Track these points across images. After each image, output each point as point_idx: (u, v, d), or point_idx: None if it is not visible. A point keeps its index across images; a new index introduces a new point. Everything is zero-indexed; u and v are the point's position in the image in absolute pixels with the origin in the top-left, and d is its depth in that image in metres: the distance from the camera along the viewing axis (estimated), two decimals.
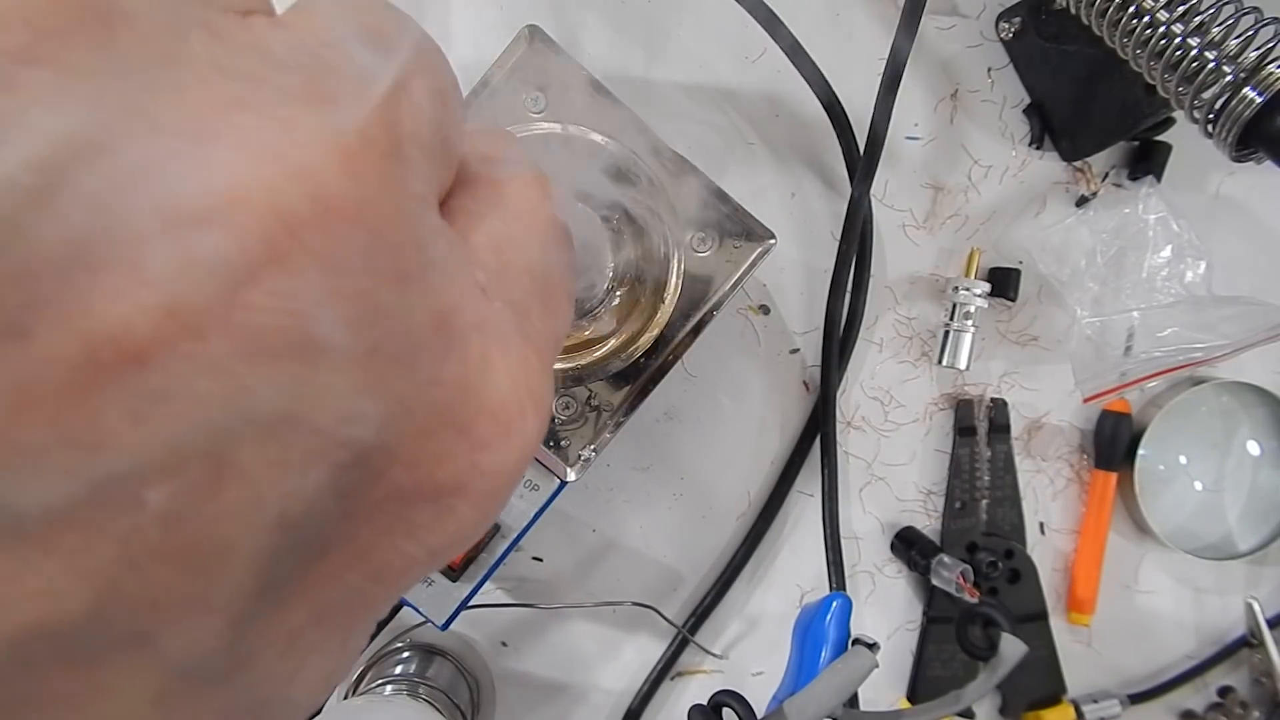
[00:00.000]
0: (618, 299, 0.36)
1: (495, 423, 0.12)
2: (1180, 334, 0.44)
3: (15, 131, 0.08)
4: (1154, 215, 0.45)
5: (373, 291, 0.10)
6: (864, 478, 0.47)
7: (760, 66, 0.44)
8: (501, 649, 0.46)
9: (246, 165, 0.09)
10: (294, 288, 0.09)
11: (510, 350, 0.12)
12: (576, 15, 0.43)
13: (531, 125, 0.34)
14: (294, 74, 0.10)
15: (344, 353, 0.10)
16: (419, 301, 0.11)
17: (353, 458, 0.10)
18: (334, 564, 0.11)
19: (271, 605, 0.10)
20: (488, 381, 0.12)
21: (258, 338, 0.09)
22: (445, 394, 0.11)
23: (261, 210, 0.09)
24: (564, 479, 0.37)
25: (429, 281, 0.11)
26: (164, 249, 0.09)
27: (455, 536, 0.12)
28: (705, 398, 0.46)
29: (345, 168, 0.10)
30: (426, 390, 0.11)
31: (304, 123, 0.10)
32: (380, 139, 0.10)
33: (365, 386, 0.10)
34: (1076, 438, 0.49)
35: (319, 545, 0.11)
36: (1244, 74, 0.31)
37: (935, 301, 0.47)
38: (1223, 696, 0.51)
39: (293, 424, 0.10)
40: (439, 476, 0.11)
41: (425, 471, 0.11)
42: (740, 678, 0.47)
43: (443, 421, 0.11)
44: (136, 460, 0.09)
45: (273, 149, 0.09)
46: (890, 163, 0.45)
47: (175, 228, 0.09)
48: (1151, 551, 0.50)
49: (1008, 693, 0.48)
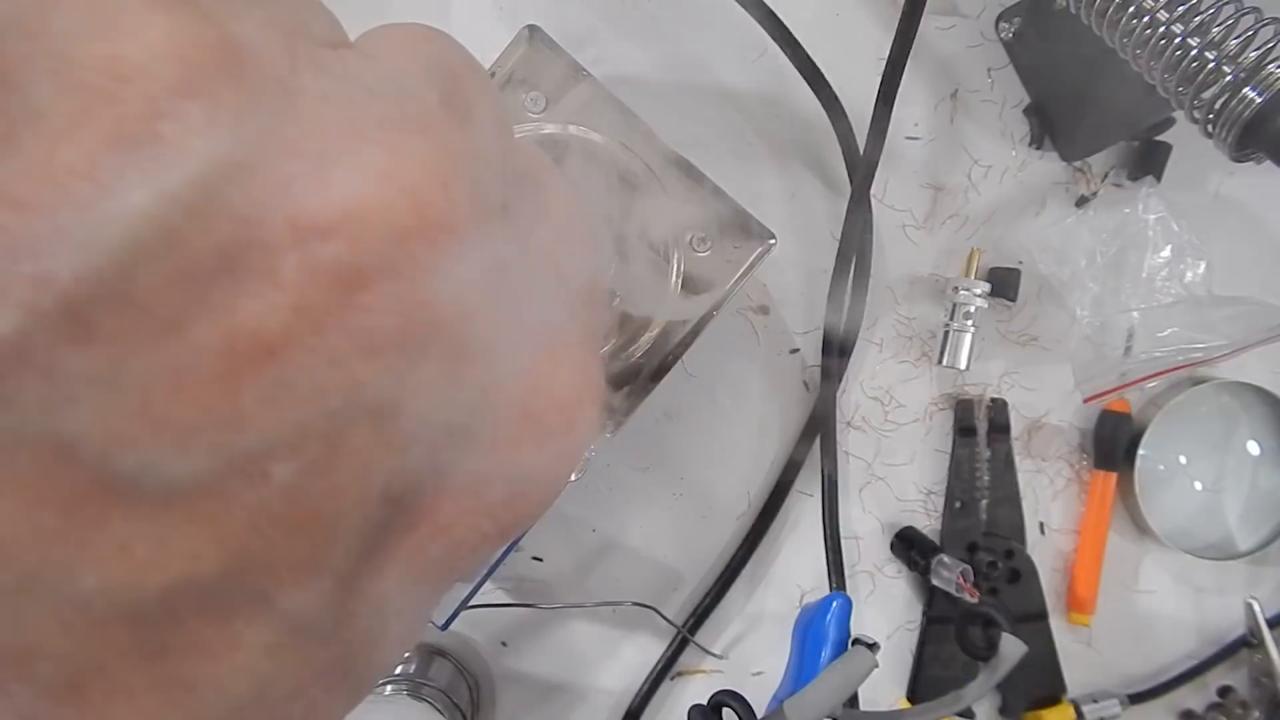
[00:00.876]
0: (618, 299, 0.36)
1: (560, 415, 0.13)
2: (1180, 334, 0.44)
3: (179, 154, 0.09)
4: (1154, 215, 0.45)
5: (463, 295, 0.11)
6: (864, 478, 0.47)
7: (760, 66, 0.44)
8: (501, 649, 0.46)
9: (362, 184, 0.10)
10: (400, 292, 0.11)
11: (572, 350, 0.14)
12: (576, 15, 0.43)
13: (531, 125, 0.34)
14: (387, 103, 0.11)
15: (438, 348, 0.11)
16: (499, 304, 0.12)
17: (445, 440, 0.12)
18: (422, 535, 0.12)
19: (371, 570, 0.12)
20: (555, 377, 0.13)
21: (369, 335, 0.10)
22: (519, 387, 0.13)
23: (375, 224, 0.10)
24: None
25: (505, 287, 0.12)
26: (294, 257, 0.10)
27: (521, 517, 0.13)
28: (705, 398, 0.46)
29: (441, 186, 0.11)
30: (504, 383, 0.12)
31: (406, 146, 0.11)
32: (464, 160, 0.12)
33: (457, 378, 0.12)
34: (1076, 438, 0.49)
35: (413, 517, 0.12)
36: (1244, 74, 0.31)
37: (935, 301, 0.47)
38: (1223, 696, 0.51)
39: (397, 410, 0.11)
40: (513, 461, 0.13)
41: (502, 455, 0.13)
42: (740, 678, 0.47)
43: (517, 411, 0.13)
44: (266, 439, 0.10)
45: (382, 170, 0.11)
46: (890, 163, 0.45)
47: (304, 239, 0.10)
48: (1151, 551, 0.50)
49: (1008, 693, 0.48)
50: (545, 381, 0.13)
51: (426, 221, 0.11)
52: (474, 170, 0.12)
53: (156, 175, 0.09)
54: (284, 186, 0.10)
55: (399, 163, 0.11)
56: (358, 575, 0.11)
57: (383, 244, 0.10)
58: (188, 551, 0.10)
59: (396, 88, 0.12)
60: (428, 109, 0.12)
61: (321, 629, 0.11)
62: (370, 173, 0.11)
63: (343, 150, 0.11)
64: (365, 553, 0.11)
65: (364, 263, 0.10)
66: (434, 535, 0.12)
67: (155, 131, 0.09)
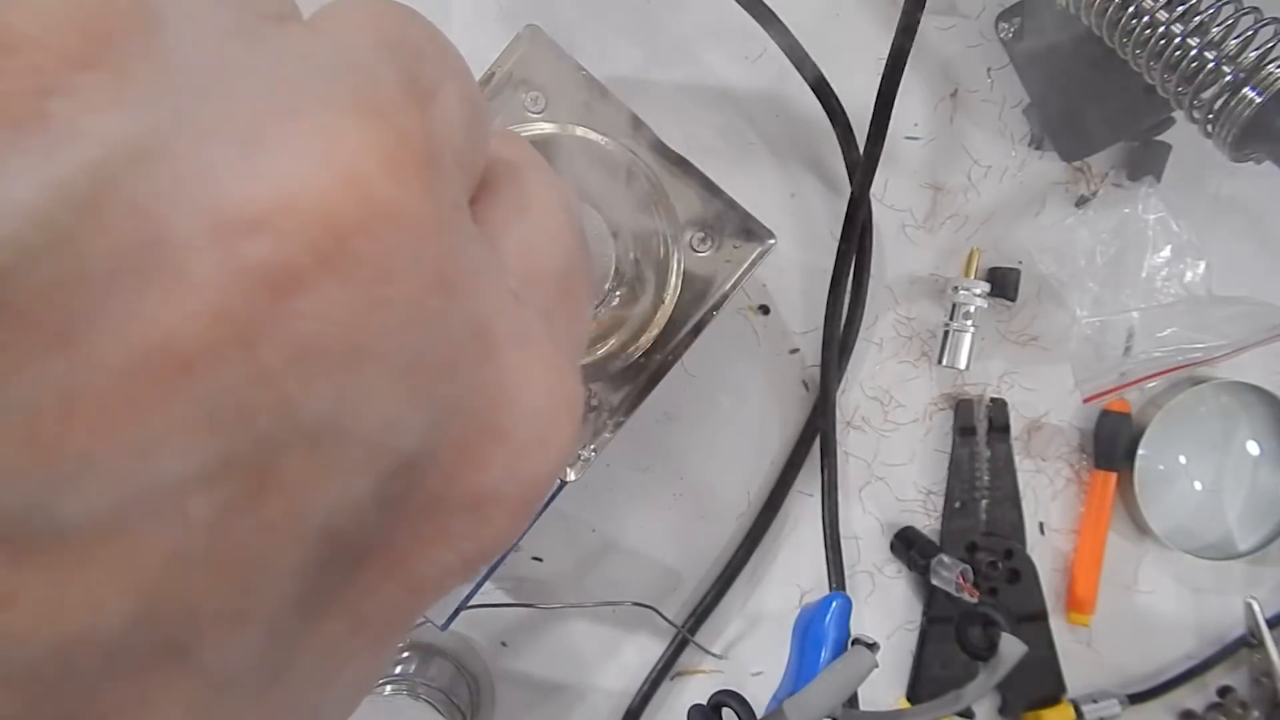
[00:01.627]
0: (618, 299, 0.36)
1: (532, 430, 0.12)
2: (1180, 334, 0.44)
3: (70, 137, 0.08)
4: (1154, 215, 0.45)
5: (416, 299, 0.10)
6: (864, 478, 0.47)
7: (760, 66, 0.44)
8: (501, 649, 0.46)
9: (294, 172, 0.09)
10: (340, 295, 0.09)
11: (543, 357, 0.12)
12: (576, 15, 0.43)
13: (531, 125, 0.34)
14: (335, 82, 0.10)
15: (388, 361, 0.10)
16: (459, 308, 0.11)
17: (395, 466, 0.10)
18: (373, 574, 0.11)
19: (311, 616, 0.10)
20: (524, 389, 0.12)
21: (305, 346, 0.09)
22: (485, 402, 0.11)
23: (309, 218, 0.09)
24: (564, 479, 0.37)
25: (468, 288, 0.11)
26: (213, 256, 0.09)
27: (490, 545, 0.12)
28: (705, 398, 0.46)
29: (391, 175, 0.10)
30: (466, 399, 0.11)
31: (349, 130, 0.10)
32: (421, 146, 0.10)
33: (409, 394, 0.10)
34: (1076, 438, 0.49)
35: (360, 555, 0.11)
36: (1243, 74, 0.31)
37: (935, 301, 0.47)
38: (1222, 696, 0.51)
39: (338, 433, 0.09)
40: (477, 484, 0.11)
41: (464, 480, 0.11)
42: (740, 678, 0.47)
43: (482, 429, 0.11)
44: (181, 470, 0.09)
45: (320, 156, 0.09)
46: (890, 163, 0.45)
47: (224, 235, 0.09)
48: (1151, 551, 0.50)
49: (1007, 693, 0.48)
50: (514, 392, 0.12)
51: (372, 213, 0.09)
52: (434, 156, 0.11)
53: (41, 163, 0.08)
54: (201, 175, 0.09)
55: (341, 146, 0.10)
56: (296, 622, 0.10)
57: (318, 240, 0.09)
58: (87, 603, 0.08)
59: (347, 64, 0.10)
60: (382, 87, 0.11)
61: (253, 685, 0.10)
62: (306, 158, 0.09)
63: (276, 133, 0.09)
64: (305, 596, 0.10)
65: (296, 262, 0.09)
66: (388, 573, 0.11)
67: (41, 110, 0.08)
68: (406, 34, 0.12)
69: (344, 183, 0.09)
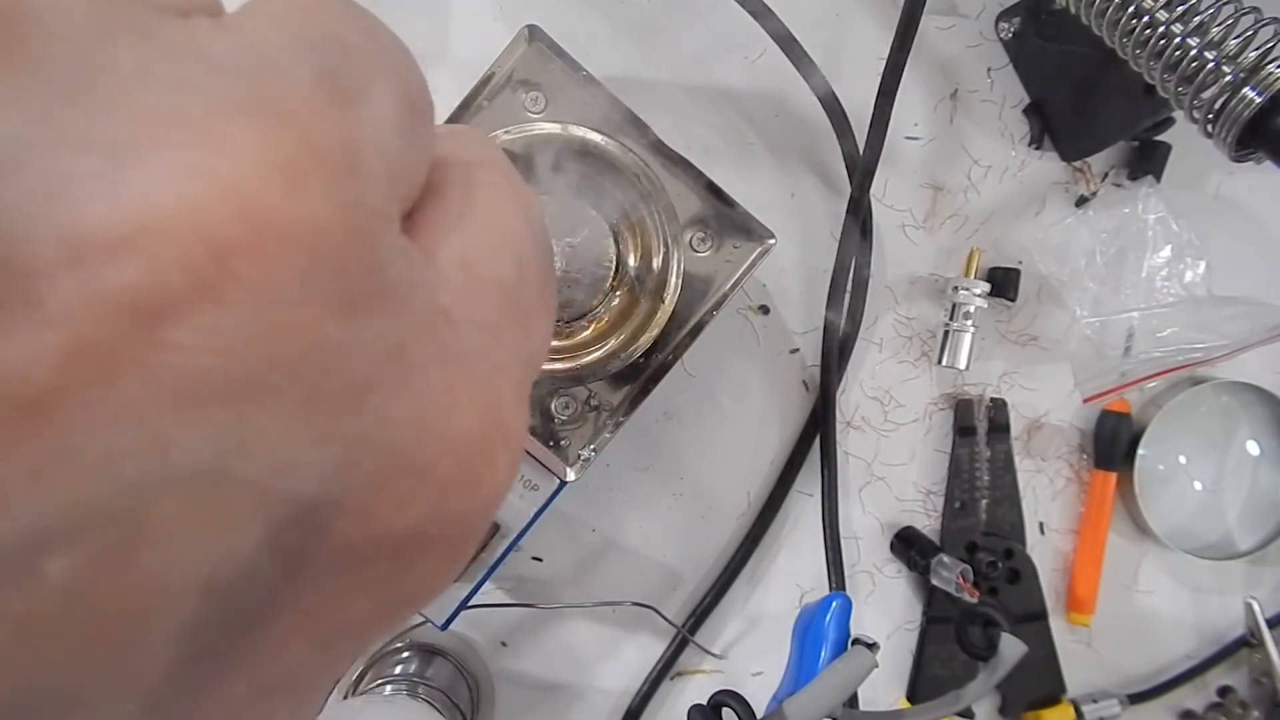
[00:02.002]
0: (618, 299, 0.36)
1: (460, 464, 0.11)
2: (1180, 334, 0.44)
3: None
4: (1154, 215, 0.45)
5: (315, 323, 0.09)
6: (864, 478, 0.47)
7: (760, 66, 0.44)
8: (501, 649, 0.46)
9: (170, 185, 0.08)
10: (221, 323, 0.08)
11: (477, 380, 0.11)
12: (576, 15, 0.43)
13: (531, 125, 0.34)
14: (237, 82, 0.09)
15: (280, 395, 0.09)
16: (370, 331, 0.10)
17: (292, 514, 0.09)
18: (277, 631, 0.10)
19: (202, 682, 0.09)
20: (451, 418, 0.11)
21: (178, 381, 0.08)
22: (401, 435, 0.10)
23: (184, 236, 0.08)
24: (564, 479, 0.37)
25: (383, 308, 0.10)
26: (69, 283, 0.08)
27: (419, 591, 0.11)
28: (705, 398, 0.46)
29: (287, 185, 0.09)
30: (379, 432, 0.10)
31: (243, 136, 0.09)
32: (333, 151, 0.09)
33: (305, 433, 0.09)
34: (1076, 438, 0.49)
35: (256, 612, 0.09)
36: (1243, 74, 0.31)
37: (935, 301, 0.47)
38: (1222, 696, 0.51)
39: (220, 479, 0.08)
40: (397, 528, 0.10)
41: (381, 524, 0.10)
42: (740, 678, 0.47)
43: (399, 467, 0.10)
44: (34, 527, 0.07)
45: (203, 167, 0.08)
46: (890, 163, 0.45)
47: (82, 258, 0.08)
48: (1151, 551, 0.50)
49: (1007, 693, 0.48)
50: (438, 422, 0.10)
51: (260, 228, 0.08)
52: (353, 162, 0.10)
53: None
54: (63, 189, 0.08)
55: (227, 155, 0.08)
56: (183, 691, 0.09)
57: (194, 261, 0.08)
58: None
59: (253, 62, 0.09)
60: (292, 87, 0.09)
61: None
62: (185, 168, 0.08)
63: (155, 140, 0.08)
64: (190, 662, 0.09)
65: (166, 286, 0.08)
66: (295, 630, 0.10)
67: None
68: (334, 28, 0.11)
69: (227, 195, 0.08)
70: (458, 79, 0.34)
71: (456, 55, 0.42)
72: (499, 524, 0.37)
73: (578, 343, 0.36)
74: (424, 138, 0.12)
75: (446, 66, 0.42)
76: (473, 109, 0.34)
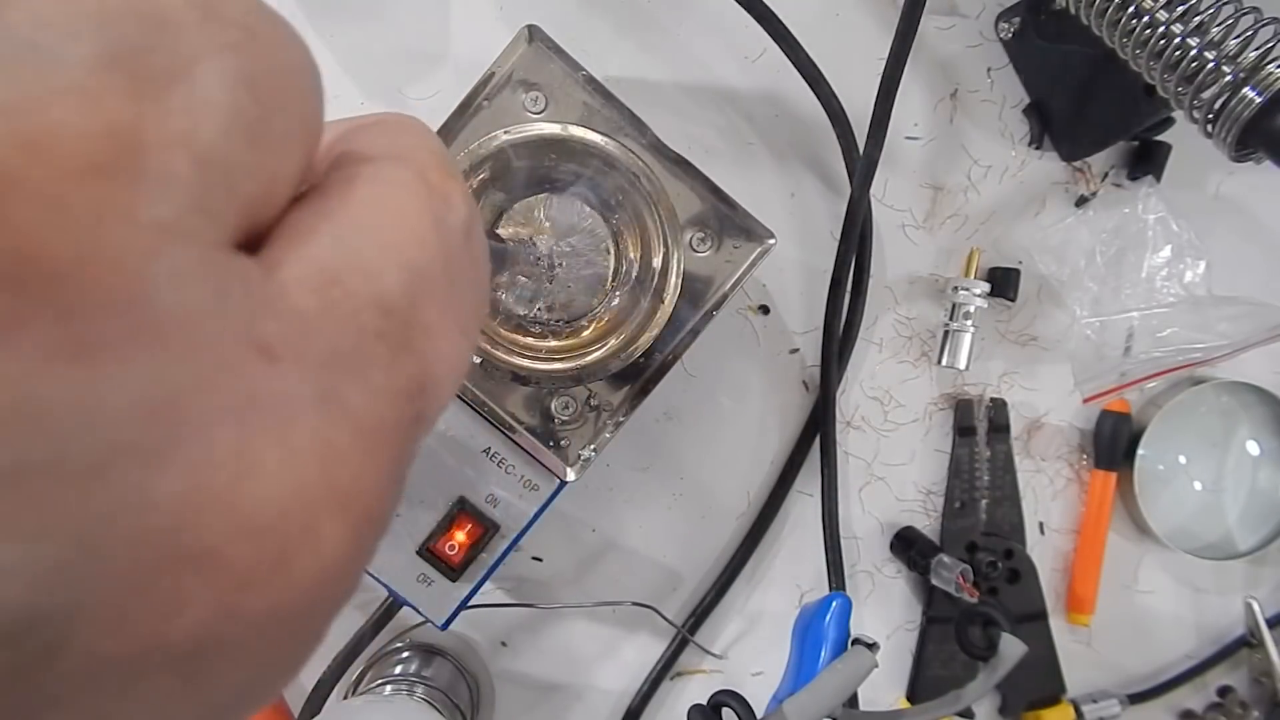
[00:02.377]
0: (618, 299, 0.36)
1: (259, 546, 0.09)
2: (1180, 334, 0.44)
3: None
4: (1153, 215, 0.45)
5: (28, 379, 0.07)
6: (864, 478, 0.47)
7: (760, 66, 0.44)
8: (501, 649, 0.46)
9: None
10: None
11: (297, 434, 0.09)
12: (576, 15, 0.43)
13: (531, 125, 0.34)
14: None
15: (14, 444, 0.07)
16: (114, 385, 0.08)
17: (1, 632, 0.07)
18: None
19: None
20: (243, 488, 0.09)
21: None
22: (164, 517, 0.08)
23: None
24: (564, 479, 0.37)
25: (145, 351, 0.08)
26: None
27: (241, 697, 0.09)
28: (705, 398, 0.46)
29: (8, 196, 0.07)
30: (129, 517, 0.08)
31: None
32: (95, 149, 0.08)
33: (9, 527, 0.07)
34: (1076, 438, 0.49)
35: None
36: (1243, 74, 0.31)
37: (935, 301, 0.47)
38: (1222, 696, 0.51)
39: None
40: (174, 635, 0.08)
41: (145, 630, 0.08)
42: (740, 678, 0.47)
43: (165, 558, 0.08)
44: None
45: None
46: (890, 163, 0.45)
47: None
48: (1151, 551, 0.50)
49: (1007, 693, 0.48)
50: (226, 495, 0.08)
51: None
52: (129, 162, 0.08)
53: None
54: None
55: None
56: None
57: None
58: None
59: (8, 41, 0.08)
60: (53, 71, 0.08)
61: None
62: None
63: None
64: None
65: None
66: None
67: None
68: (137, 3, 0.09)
69: None
70: (458, 79, 0.35)
71: (456, 55, 0.42)
72: (499, 524, 0.37)
73: (578, 343, 0.36)
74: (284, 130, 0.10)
75: (446, 66, 0.42)
76: (473, 109, 0.34)
